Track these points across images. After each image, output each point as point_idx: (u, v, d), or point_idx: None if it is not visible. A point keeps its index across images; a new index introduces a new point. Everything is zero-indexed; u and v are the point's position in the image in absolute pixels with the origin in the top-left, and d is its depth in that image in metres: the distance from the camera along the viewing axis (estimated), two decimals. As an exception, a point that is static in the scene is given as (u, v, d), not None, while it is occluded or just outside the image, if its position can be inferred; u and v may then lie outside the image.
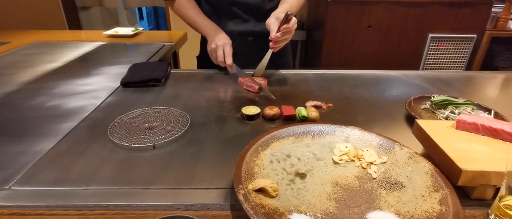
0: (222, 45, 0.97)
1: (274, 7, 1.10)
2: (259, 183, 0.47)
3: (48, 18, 2.51)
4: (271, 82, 0.97)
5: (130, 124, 0.72)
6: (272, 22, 0.89)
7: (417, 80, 1.05)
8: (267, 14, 1.09)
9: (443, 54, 2.23)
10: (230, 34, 1.05)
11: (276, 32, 0.86)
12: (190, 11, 1.07)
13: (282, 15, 0.86)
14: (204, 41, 1.26)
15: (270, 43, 0.89)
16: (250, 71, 1.03)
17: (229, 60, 0.97)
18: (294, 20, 0.86)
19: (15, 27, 2.41)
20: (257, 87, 0.89)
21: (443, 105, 0.79)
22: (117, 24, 2.98)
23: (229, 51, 0.97)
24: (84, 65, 1.21)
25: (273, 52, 0.93)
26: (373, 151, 0.59)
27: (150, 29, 4.28)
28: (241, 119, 0.76)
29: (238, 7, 1.07)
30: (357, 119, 0.77)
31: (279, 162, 0.56)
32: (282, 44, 0.90)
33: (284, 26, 0.85)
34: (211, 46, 0.99)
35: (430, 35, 2.15)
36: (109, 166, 0.58)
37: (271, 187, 0.47)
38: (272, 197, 0.47)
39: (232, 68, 0.99)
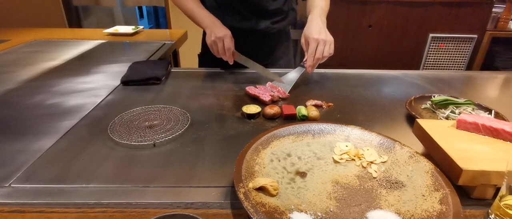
0: (222, 38, 0.97)
1: (278, 7, 1.09)
2: (260, 181, 0.47)
3: (48, 16, 2.50)
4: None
5: (130, 122, 0.72)
6: (305, 46, 0.96)
7: (417, 80, 1.05)
8: (270, 13, 1.09)
9: (443, 54, 2.23)
10: (231, 30, 1.05)
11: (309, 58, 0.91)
12: (189, 2, 1.06)
13: (314, 46, 0.91)
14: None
15: (306, 65, 0.93)
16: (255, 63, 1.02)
17: (229, 53, 0.98)
18: (328, 54, 0.91)
19: (15, 25, 2.40)
20: (269, 98, 0.83)
21: (443, 105, 0.79)
22: (115, 23, 2.98)
23: (229, 43, 0.97)
24: (84, 63, 1.20)
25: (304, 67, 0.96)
26: (374, 150, 0.59)
27: (150, 28, 4.28)
28: (241, 117, 0.76)
29: (241, 5, 1.07)
30: (357, 119, 0.77)
31: (279, 161, 0.56)
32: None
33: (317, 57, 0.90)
34: (211, 38, 0.98)
35: (431, 35, 2.15)
36: (109, 164, 0.58)
37: (271, 186, 0.47)
38: (273, 195, 0.47)
39: (232, 60, 0.99)
